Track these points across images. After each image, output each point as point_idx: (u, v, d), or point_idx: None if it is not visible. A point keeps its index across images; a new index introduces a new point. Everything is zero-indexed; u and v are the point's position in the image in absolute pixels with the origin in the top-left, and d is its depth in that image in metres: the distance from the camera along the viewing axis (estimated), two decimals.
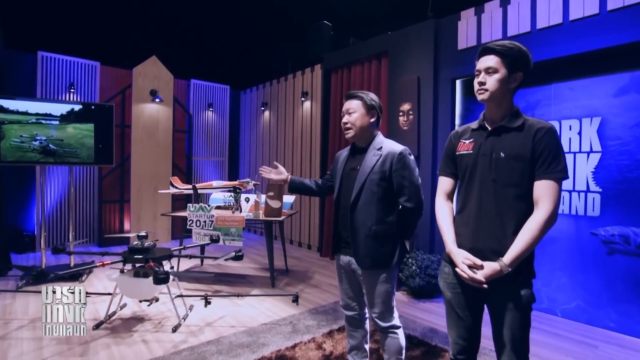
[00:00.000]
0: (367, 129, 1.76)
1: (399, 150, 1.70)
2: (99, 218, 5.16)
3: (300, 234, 5.45)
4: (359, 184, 1.70)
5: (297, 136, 5.46)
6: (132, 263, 2.65)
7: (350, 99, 1.78)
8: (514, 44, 1.37)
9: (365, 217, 1.70)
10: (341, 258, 1.83)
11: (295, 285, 3.67)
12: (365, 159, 1.73)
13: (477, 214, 1.38)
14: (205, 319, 2.81)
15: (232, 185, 3.70)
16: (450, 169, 1.54)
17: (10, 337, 2.44)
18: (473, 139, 1.45)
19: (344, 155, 1.88)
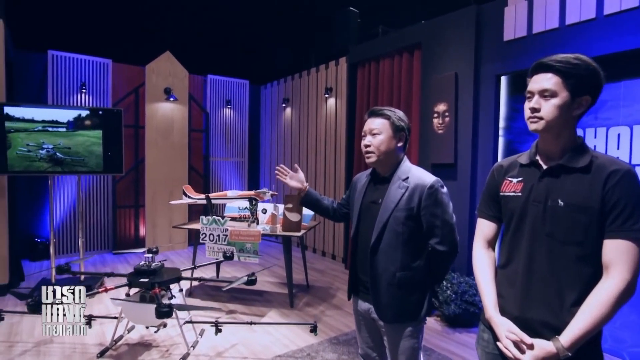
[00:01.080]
0: (393, 154, 1.56)
1: (429, 183, 1.48)
2: (113, 224, 5.23)
3: (323, 242, 5.30)
4: (381, 223, 1.50)
5: (320, 136, 5.28)
6: (137, 287, 2.59)
7: (374, 116, 1.57)
8: (581, 58, 1.11)
9: (388, 263, 1.50)
10: (359, 304, 1.65)
11: (315, 305, 3.53)
12: (389, 192, 1.52)
13: (527, 274, 1.15)
14: (216, 347, 2.72)
15: (248, 195, 3.59)
16: (492, 212, 1.31)
17: None
18: (522, 177, 1.22)
19: (363, 182, 1.68)
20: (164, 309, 2.14)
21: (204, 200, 3.71)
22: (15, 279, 3.83)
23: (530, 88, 1.17)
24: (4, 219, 3.57)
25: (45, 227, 4.90)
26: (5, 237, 3.59)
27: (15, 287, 3.77)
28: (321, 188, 5.27)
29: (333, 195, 5.06)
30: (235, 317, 3.23)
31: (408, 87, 3.90)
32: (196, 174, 5.83)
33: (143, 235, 5.37)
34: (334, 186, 5.04)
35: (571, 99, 1.11)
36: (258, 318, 3.20)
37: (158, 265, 2.71)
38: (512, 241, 1.22)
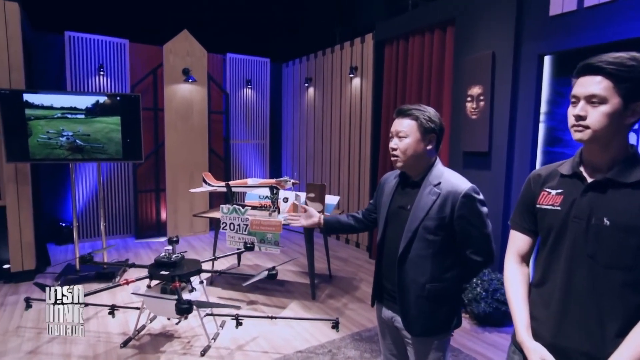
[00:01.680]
0: (422, 157, 1.48)
1: (463, 190, 1.40)
2: (134, 209, 5.39)
3: None
4: (410, 232, 1.45)
5: (344, 119, 5.19)
6: (158, 279, 2.66)
7: (401, 116, 1.49)
8: (638, 59, 0.98)
9: (417, 274, 1.45)
10: (383, 311, 1.62)
11: (338, 297, 3.55)
12: (419, 198, 1.46)
13: (563, 297, 1.08)
14: (237, 339, 2.79)
15: (269, 183, 3.59)
16: (527, 224, 1.23)
17: (40, 352, 2.59)
18: (562, 189, 1.13)
19: (391, 185, 1.62)
20: (183, 305, 2.19)
21: (224, 188, 3.74)
22: (42, 264, 4.04)
23: (575, 92, 1.06)
24: (28, 206, 3.73)
25: (68, 211, 5.10)
26: (30, 223, 3.76)
27: (42, 271, 3.98)
28: (345, 175, 5.22)
29: (358, 181, 5.00)
30: (256, 308, 3.29)
31: (439, 68, 3.72)
32: (216, 157, 5.89)
33: (164, 220, 5.52)
34: (358, 173, 4.98)
35: (624, 106, 1.00)
36: (279, 310, 3.25)
37: (178, 257, 2.77)
38: (548, 259, 1.15)
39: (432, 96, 3.76)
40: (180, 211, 5.40)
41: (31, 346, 2.66)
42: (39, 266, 3.94)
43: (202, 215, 3.72)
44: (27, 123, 3.38)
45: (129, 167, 5.35)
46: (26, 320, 3.00)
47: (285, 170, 6.65)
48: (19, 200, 3.67)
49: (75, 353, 2.59)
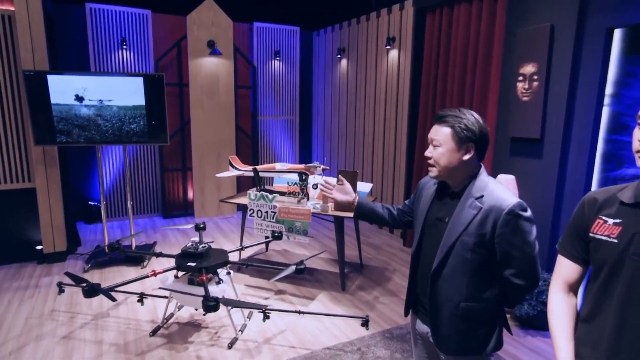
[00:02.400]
0: (460, 168, 1.41)
1: (507, 207, 1.33)
2: (161, 188, 5.57)
3: None
4: (446, 247, 1.40)
5: (380, 95, 5.04)
6: (185, 271, 2.76)
7: (438, 123, 1.43)
8: None
9: (451, 291, 1.42)
10: (418, 324, 1.61)
11: (369, 289, 3.57)
12: (458, 211, 1.40)
13: (616, 339, 1.02)
14: (264, 332, 2.88)
15: (298, 169, 3.58)
16: (578, 252, 1.17)
17: (74, 337, 2.79)
18: (622, 220, 1.04)
19: (429, 192, 1.56)
20: (210, 302, 2.27)
21: (252, 173, 3.77)
22: (72, 244, 4.29)
23: None
24: (57, 188, 3.92)
25: (97, 190, 5.34)
26: (60, 205, 3.97)
27: (73, 252, 4.23)
28: (379, 158, 5.13)
29: (393, 166, 4.91)
30: (284, 298, 3.37)
31: (488, 42, 3.50)
32: (244, 134, 5.93)
33: (191, 199, 5.68)
34: (393, 157, 4.87)
35: None
36: (307, 301, 3.32)
37: (205, 248, 2.85)
38: (600, 293, 1.08)
39: (478, 74, 3.56)
40: (207, 191, 5.53)
41: (65, 331, 2.86)
42: (70, 247, 4.19)
43: (229, 201, 3.79)
44: (52, 106, 3.50)
45: (155, 146, 5.48)
46: (60, 303, 3.22)
47: (315, 148, 6.62)
48: (48, 183, 3.86)
49: (106, 340, 2.76)
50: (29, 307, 3.17)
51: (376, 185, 5.22)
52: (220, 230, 5.14)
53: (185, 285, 2.76)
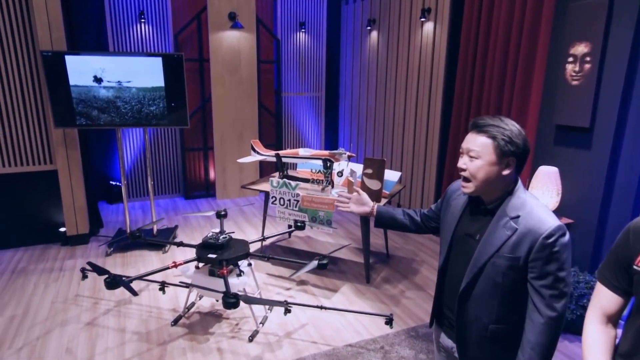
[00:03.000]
0: (497, 182, 1.36)
1: (546, 230, 1.27)
2: (183, 168, 5.68)
3: (409, 198, 5.21)
4: (476, 267, 1.37)
5: (412, 72, 4.89)
6: (205, 262, 2.84)
7: (475, 132, 1.36)
8: None
9: (480, 312, 1.40)
10: (442, 337, 1.61)
11: (395, 282, 3.58)
12: (491, 230, 1.36)
13: None
14: (285, 325, 2.96)
15: (322, 155, 3.56)
16: (619, 282, 1.13)
17: (98, 324, 2.95)
18: None
19: (459, 202, 1.52)
20: (230, 300, 2.33)
21: (274, 158, 3.78)
22: (95, 226, 4.47)
23: None
24: (78, 170, 4.07)
25: (118, 170, 5.51)
26: (81, 187, 4.12)
27: (95, 234, 4.41)
28: (409, 142, 5.03)
29: (424, 153, 4.81)
30: (306, 289, 3.43)
31: (535, 17, 3.30)
32: (267, 112, 5.92)
33: (213, 180, 5.78)
34: (425, 142, 4.77)
35: None
36: (330, 294, 3.37)
37: (226, 239, 2.92)
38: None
39: (522, 52, 3.39)
40: (229, 172, 5.61)
41: (89, 317, 3.02)
42: (93, 229, 4.37)
43: (251, 188, 3.83)
44: (71, 87, 3.58)
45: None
46: (83, 288, 3.39)
47: (342, 128, 6.56)
48: (69, 165, 4.01)
49: (129, 328, 2.91)
50: (54, 291, 3.35)
51: (405, 173, 5.15)
52: (242, 214, 5.23)
53: (206, 277, 2.85)
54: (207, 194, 5.83)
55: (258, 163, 5.75)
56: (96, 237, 4.39)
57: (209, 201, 5.70)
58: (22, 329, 2.87)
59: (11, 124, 3.86)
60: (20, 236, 4.12)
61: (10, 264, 3.81)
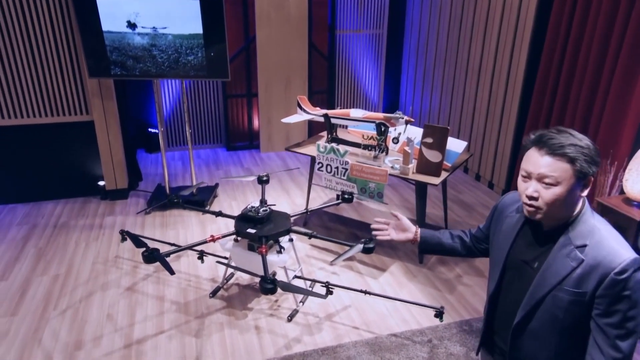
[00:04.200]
0: (568, 206, 1.33)
1: (619, 265, 1.23)
2: (224, 116, 5.84)
3: (479, 162, 5.09)
4: (534, 299, 1.38)
5: (494, 13, 4.57)
6: (244, 238, 3.01)
7: (548, 153, 1.28)
8: None
9: (537, 349, 1.43)
10: None
11: (451, 264, 3.63)
12: (552, 258, 1.34)
13: None
14: (326, 307, 3.14)
15: (376, 119, 3.53)
16: None
17: (137, 290, 3.28)
18: None
19: (512, 222, 1.50)
20: (267, 285, 2.49)
21: (322, 118, 3.80)
22: (134, 179, 4.81)
23: None
24: (115, 122, 4.33)
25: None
26: (119, 140, 4.41)
27: (134, 188, 4.76)
28: (484, 97, 4.80)
29: (500, 115, 4.59)
30: (352, 266, 3.57)
31: None
32: (318, 54, 5.84)
33: (257, 129, 5.92)
34: (503, 98, 4.54)
35: None
36: (378, 273, 3.49)
37: (266, 212, 3.05)
38: None
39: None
40: (275, 122, 5.70)
41: (129, 282, 3.36)
42: (132, 182, 4.72)
43: (295, 151, 3.90)
44: (104, 34, 3.72)
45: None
46: (123, 250, 3.74)
47: (405, 74, 6.35)
48: (106, 116, 4.26)
49: (168, 296, 3.22)
50: (95, 251, 3.73)
51: (476, 135, 4.98)
52: (289, 174, 5.37)
53: (245, 252, 3.04)
54: (250, 144, 6.01)
55: (307, 122, 5.78)
56: (135, 192, 4.74)
57: (252, 153, 5.88)
58: (66, 289, 3.27)
59: (45, 73, 4.12)
60: (60, 188, 4.54)
61: (52, 217, 4.25)
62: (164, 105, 5.62)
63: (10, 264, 3.55)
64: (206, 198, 4.40)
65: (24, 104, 4.16)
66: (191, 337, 2.87)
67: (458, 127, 5.33)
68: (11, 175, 4.38)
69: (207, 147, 6.00)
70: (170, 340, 2.83)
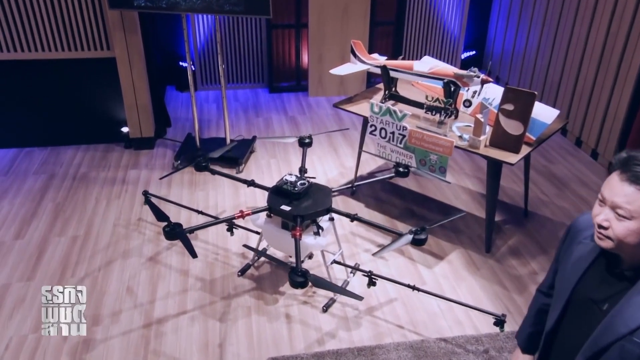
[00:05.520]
0: None
1: None
2: (268, 50, 5.96)
3: (583, 122, 4.95)
4: (597, 346, 1.43)
5: None
6: (277, 215, 3.19)
7: (633, 182, 1.32)
8: None
9: None
10: None
11: (526, 256, 3.68)
12: (626, 302, 1.39)
13: None
14: (368, 298, 3.30)
15: (444, 75, 3.51)
16: None
17: (160, 261, 3.61)
18: None
19: (584, 251, 1.55)
20: (298, 279, 2.68)
21: (379, 70, 3.83)
22: (161, 125, 5.12)
23: None
24: (140, 60, 4.58)
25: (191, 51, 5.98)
26: (144, 81, 4.67)
27: (161, 136, 5.09)
28: (595, 49, 4.58)
29: (615, 75, 4.39)
30: (404, 250, 3.70)
31: None
32: None
33: (306, 67, 6.00)
34: (620, 52, 4.33)
35: None
36: (434, 261, 3.62)
37: (304, 186, 3.18)
38: None
39: None
40: (327, 60, 5.75)
41: (151, 250, 3.71)
42: (159, 129, 5.03)
43: (345, 109, 3.97)
44: None
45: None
46: (146, 212, 4.05)
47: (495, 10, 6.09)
48: (129, 53, 4.51)
49: (192, 271, 3.53)
50: (116, 211, 4.11)
51: (579, 99, 4.82)
52: (337, 117, 5.47)
53: (278, 230, 3.24)
54: (297, 86, 6.13)
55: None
56: (162, 141, 5.05)
57: (298, 97, 6.01)
58: (84, 254, 3.66)
59: (62, 2, 4.36)
60: (80, 133, 4.93)
61: (71, 167, 4.66)
62: (198, 36, 5.78)
63: (27, 220, 4.00)
64: (241, 155, 4.62)
65: (38, 36, 4.47)
66: (215, 320, 3.17)
67: (559, 77, 5.17)
68: (28, 116, 4.80)
69: (246, 87, 6.18)
70: (193, 323, 3.15)
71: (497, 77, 6.45)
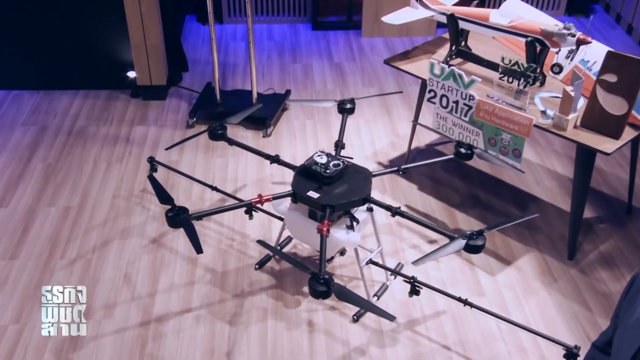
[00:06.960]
0: None
1: None
2: None
3: None
4: None
5: None
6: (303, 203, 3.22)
7: None
8: None
9: None
10: None
11: (621, 266, 3.63)
12: None
13: None
14: (409, 309, 3.34)
15: (529, 31, 3.39)
16: None
17: (165, 244, 3.75)
18: None
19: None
20: (319, 287, 2.72)
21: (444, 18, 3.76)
22: (176, 70, 5.21)
23: None
24: None
25: None
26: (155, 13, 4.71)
27: (175, 84, 5.18)
28: None
29: None
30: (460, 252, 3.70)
31: None
32: None
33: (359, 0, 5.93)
34: None
35: None
36: (498, 267, 3.60)
37: (338, 168, 3.17)
38: None
39: None
40: None
41: (155, 231, 3.86)
42: (172, 75, 5.13)
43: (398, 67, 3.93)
44: None
45: None
46: None
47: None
48: None
49: (202, 260, 3.65)
50: (117, 177, 4.27)
51: None
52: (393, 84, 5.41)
53: (304, 219, 3.27)
54: (348, 22, 6.10)
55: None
56: (176, 89, 5.15)
57: (348, 37, 5.97)
58: (77, 230, 3.86)
59: None
60: (78, 75, 5.10)
61: (67, 118, 4.85)
62: None
63: (12, 183, 4.21)
64: (270, 114, 4.65)
65: None
66: (224, 323, 3.29)
67: None
68: (18, 53, 4.97)
69: (283, 21, 6.18)
70: (198, 324, 3.28)
71: (617, 14, 6.22)
